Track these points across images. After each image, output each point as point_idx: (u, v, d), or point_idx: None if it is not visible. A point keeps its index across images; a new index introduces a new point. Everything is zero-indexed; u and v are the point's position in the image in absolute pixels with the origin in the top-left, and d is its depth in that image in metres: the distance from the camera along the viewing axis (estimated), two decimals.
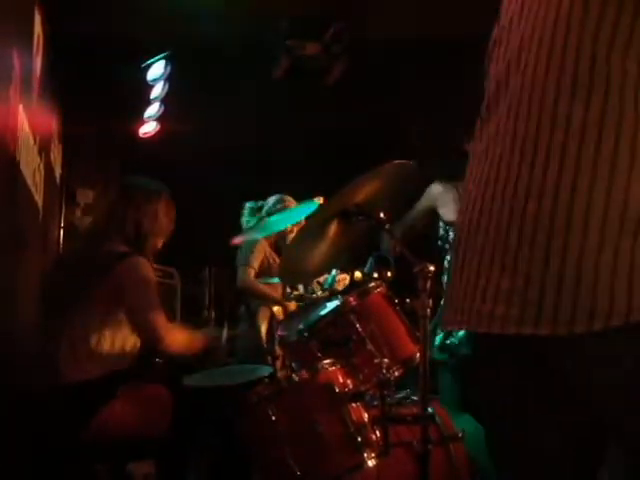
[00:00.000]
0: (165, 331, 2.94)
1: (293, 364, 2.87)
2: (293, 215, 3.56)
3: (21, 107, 2.96)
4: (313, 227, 2.64)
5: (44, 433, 2.82)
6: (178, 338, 3.03)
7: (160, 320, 2.93)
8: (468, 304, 1.25)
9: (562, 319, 1.13)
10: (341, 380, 2.60)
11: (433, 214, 3.98)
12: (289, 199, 4.72)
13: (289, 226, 4.05)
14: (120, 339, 2.93)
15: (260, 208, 4.76)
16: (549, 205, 1.15)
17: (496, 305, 1.19)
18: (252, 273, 4.49)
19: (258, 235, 4.02)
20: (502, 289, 1.19)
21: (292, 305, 4.14)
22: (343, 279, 4.06)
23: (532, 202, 1.17)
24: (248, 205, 4.83)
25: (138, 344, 3.01)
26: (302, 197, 4.07)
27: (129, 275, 2.91)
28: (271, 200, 4.74)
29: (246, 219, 4.81)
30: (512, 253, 1.18)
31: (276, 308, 4.22)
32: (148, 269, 2.96)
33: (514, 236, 1.18)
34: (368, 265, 3.34)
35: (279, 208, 4.56)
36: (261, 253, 4.55)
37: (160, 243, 3.18)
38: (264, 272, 4.51)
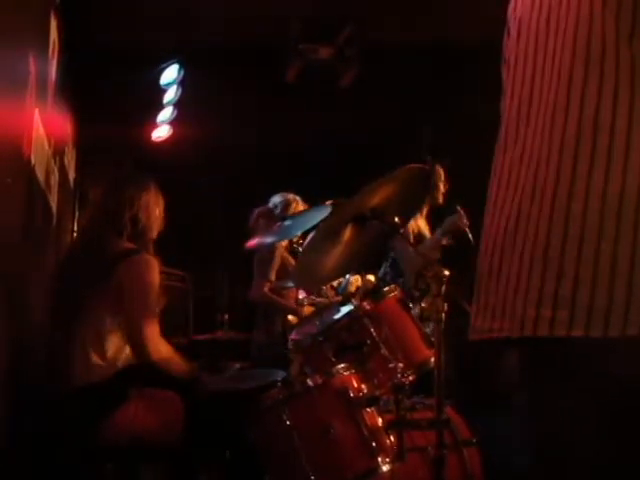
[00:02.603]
0: (153, 344, 2.85)
1: (307, 368, 2.87)
2: (307, 219, 3.54)
3: (37, 111, 2.97)
4: (327, 231, 2.64)
5: (57, 436, 2.81)
6: (165, 354, 2.93)
7: (151, 331, 2.85)
8: (509, 310, 1.25)
9: (615, 322, 1.14)
10: (355, 385, 2.59)
11: None
12: (293, 198, 4.66)
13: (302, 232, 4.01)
14: None
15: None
16: (597, 205, 1.16)
17: (542, 309, 1.19)
18: (267, 286, 4.47)
19: (273, 240, 4.00)
20: (546, 292, 1.19)
21: (306, 309, 4.13)
22: (355, 280, 4.05)
23: (576, 203, 1.17)
24: (258, 211, 4.76)
25: None
26: (316, 200, 4.06)
27: (129, 274, 2.86)
28: (275, 201, 4.67)
29: (257, 224, 4.71)
30: (556, 255, 1.18)
31: (291, 316, 4.21)
32: (152, 269, 2.91)
33: (557, 238, 1.19)
34: (382, 269, 3.34)
35: (286, 209, 4.53)
36: (278, 261, 4.52)
37: (155, 235, 3.13)
38: (282, 277, 4.49)
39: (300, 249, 3.66)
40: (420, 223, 4.38)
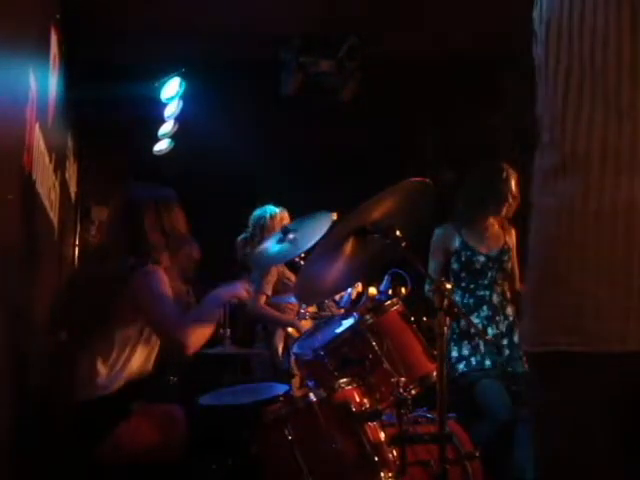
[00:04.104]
0: (186, 336, 2.80)
1: (309, 383, 2.86)
2: (310, 231, 3.52)
3: (37, 126, 2.98)
4: (329, 245, 2.63)
5: (60, 451, 2.80)
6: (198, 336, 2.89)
7: (179, 326, 2.81)
8: None
9: None
10: (357, 399, 2.58)
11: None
12: (273, 211, 4.67)
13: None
14: (138, 356, 2.91)
15: (252, 236, 4.66)
16: None
17: None
18: (263, 300, 4.45)
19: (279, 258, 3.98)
20: None
21: (307, 323, 4.12)
22: (356, 286, 4.03)
23: None
24: (240, 239, 4.74)
25: (154, 361, 2.99)
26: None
27: (141, 287, 2.86)
28: (258, 220, 4.67)
29: (243, 253, 4.69)
30: None
31: (291, 330, 4.20)
32: (159, 277, 2.87)
33: None
34: (384, 282, 3.33)
35: (265, 226, 4.54)
36: (273, 276, 4.51)
37: (184, 252, 3.08)
38: (279, 292, 4.48)
39: (302, 263, 3.66)
40: (505, 238, 4.12)
